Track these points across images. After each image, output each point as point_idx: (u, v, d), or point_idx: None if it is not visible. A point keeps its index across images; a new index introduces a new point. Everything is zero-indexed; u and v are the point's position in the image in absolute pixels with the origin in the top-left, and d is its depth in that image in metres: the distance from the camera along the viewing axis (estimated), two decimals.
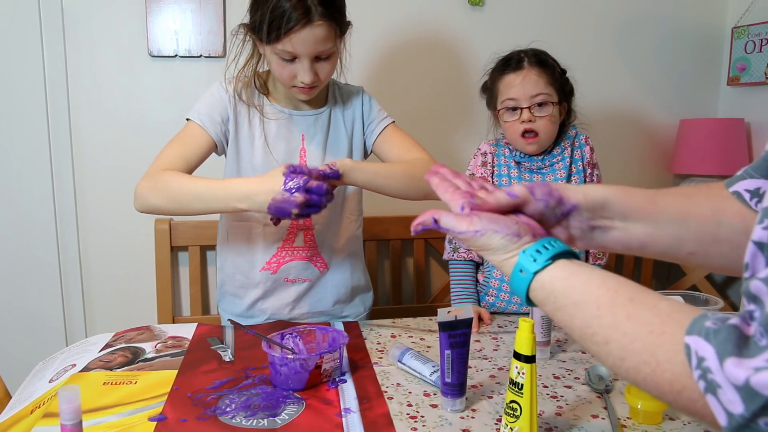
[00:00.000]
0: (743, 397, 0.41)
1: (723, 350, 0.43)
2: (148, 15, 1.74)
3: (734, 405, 0.41)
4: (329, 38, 1.08)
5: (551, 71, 1.33)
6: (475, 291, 1.36)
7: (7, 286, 1.79)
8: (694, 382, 0.45)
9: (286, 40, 1.06)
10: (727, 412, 0.42)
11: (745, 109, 2.06)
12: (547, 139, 1.33)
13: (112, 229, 1.82)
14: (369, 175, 1.10)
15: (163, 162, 1.13)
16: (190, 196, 1.07)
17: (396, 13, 1.89)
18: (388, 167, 1.16)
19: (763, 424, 0.41)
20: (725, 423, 0.43)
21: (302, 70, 1.11)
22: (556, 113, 1.33)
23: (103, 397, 0.90)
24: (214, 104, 1.20)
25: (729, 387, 0.42)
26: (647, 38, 2.07)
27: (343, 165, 1.06)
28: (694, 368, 0.45)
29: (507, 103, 1.33)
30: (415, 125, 1.52)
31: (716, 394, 0.43)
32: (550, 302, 0.58)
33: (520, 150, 1.36)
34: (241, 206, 1.03)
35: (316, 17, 1.05)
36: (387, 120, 1.28)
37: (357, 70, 1.86)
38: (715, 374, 0.43)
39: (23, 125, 1.74)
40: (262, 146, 1.21)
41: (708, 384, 0.43)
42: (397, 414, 0.86)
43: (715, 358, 0.43)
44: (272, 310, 1.27)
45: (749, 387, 0.40)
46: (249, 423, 0.82)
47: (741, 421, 0.41)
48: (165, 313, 1.78)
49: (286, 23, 1.04)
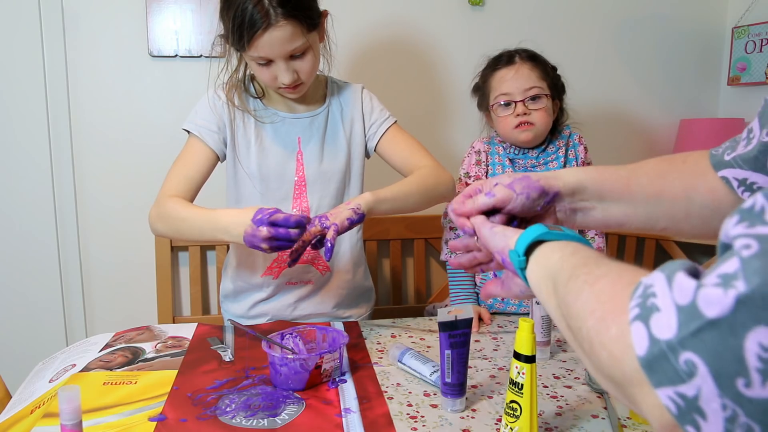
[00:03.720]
0: (680, 319, 0.35)
1: (673, 271, 0.38)
2: (148, 15, 1.74)
3: (665, 329, 0.35)
4: (296, 36, 1.07)
5: (543, 66, 1.34)
6: (474, 291, 1.36)
7: (7, 286, 1.79)
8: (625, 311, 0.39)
9: (253, 46, 1.06)
10: (652, 338, 0.36)
11: (746, 109, 2.06)
12: (542, 130, 1.33)
13: (113, 229, 1.82)
14: (389, 203, 1.10)
15: (169, 187, 1.15)
16: (185, 226, 1.09)
17: (396, 13, 1.89)
18: (403, 187, 1.15)
19: (683, 360, 0.34)
20: (643, 352, 0.36)
21: (280, 71, 1.10)
22: (550, 106, 1.33)
23: (103, 397, 0.90)
24: (208, 113, 1.20)
25: (671, 308, 0.36)
26: (647, 38, 2.07)
27: (366, 204, 1.05)
28: (635, 297, 0.39)
29: (500, 98, 1.33)
30: (415, 125, 1.53)
31: (648, 320, 0.37)
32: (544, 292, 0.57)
33: (514, 142, 1.35)
34: (223, 238, 1.03)
35: (276, 18, 1.03)
36: (389, 121, 1.27)
37: (356, 70, 1.86)
38: (659, 297, 0.37)
39: (23, 125, 1.74)
40: (258, 151, 1.21)
41: (643, 310, 0.37)
42: (397, 414, 0.86)
43: (664, 280, 0.37)
44: (274, 312, 1.27)
45: (693, 305, 0.34)
46: (249, 423, 0.82)
47: (663, 349, 0.35)
48: (165, 313, 1.78)
49: (248, 29, 1.04)
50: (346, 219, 1.02)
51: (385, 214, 1.12)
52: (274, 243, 0.96)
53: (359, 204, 1.04)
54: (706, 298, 0.34)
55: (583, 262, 0.50)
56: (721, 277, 0.34)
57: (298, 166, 1.22)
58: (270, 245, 0.96)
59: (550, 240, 0.59)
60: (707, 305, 0.33)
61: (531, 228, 0.61)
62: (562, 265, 0.53)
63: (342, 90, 1.28)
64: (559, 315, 0.51)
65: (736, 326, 0.32)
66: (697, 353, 0.33)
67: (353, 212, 1.03)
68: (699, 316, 0.34)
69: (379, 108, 1.28)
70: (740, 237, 0.35)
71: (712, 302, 0.33)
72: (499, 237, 0.65)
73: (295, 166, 1.22)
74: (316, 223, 1.01)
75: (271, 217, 0.95)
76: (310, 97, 1.25)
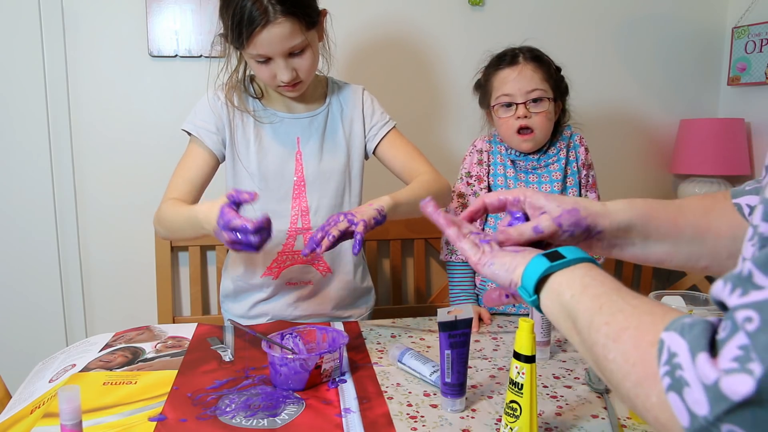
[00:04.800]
0: (710, 398, 0.38)
1: (696, 345, 0.41)
2: (148, 15, 1.74)
3: (699, 406, 0.39)
4: (295, 33, 1.07)
5: (547, 67, 1.32)
6: (473, 291, 1.36)
7: (7, 286, 1.79)
8: (658, 380, 0.43)
9: (252, 44, 1.06)
10: (691, 412, 0.40)
11: (746, 109, 2.06)
12: (542, 137, 1.32)
13: (113, 229, 1.82)
14: (405, 207, 1.11)
15: (171, 191, 1.17)
16: (176, 226, 1.11)
17: (396, 13, 1.89)
18: (414, 192, 1.15)
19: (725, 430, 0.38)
20: (687, 424, 0.40)
21: (279, 69, 1.10)
22: (552, 110, 1.32)
23: (103, 397, 0.90)
24: (207, 114, 1.20)
25: (698, 385, 0.39)
26: (647, 38, 2.07)
27: (387, 206, 1.05)
28: (662, 364, 0.43)
29: (502, 99, 1.32)
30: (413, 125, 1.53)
31: (681, 392, 0.40)
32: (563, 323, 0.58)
33: (515, 148, 1.35)
34: (204, 232, 1.02)
35: (275, 15, 1.04)
36: (389, 124, 1.27)
37: (356, 70, 1.86)
38: (685, 371, 0.41)
39: (23, 125, 1.74)
40: (257, 151, 1.21)
41: (674, 381, 0.41)
42: (397, 414, 0.86)
43: (688, 353, 0.41)
44: (274, 312, 1.27)
45: (717, 388, 0.38)
46: (249, 423, 0.82)
47: (704, 424, 0.39)
48: (165, 313, 1.78)
49: (247, 26, 1.04)
50: (372, 218, 1.02)
51: (400, 218, 1.13)
52: (236, 246, 0.94)
53: (382, 206, 1.05)
54: (730, 387, 0.37)
55: (597, 305, 0.53)
56: (738, 361, 0.37)
57: (297, 165, 1.22)
58: (233, 248, 0.94)
59: (556, 270, 0.58)
60: (732, 392, 0.37)
61: (532, 264, 0.60)
62: (577, 306, 0.54)
63: (342, 90, 1.28)
64: (587, 355, 0.53)
65: (763, 402, 0.36)
66: (736, 424, 0.37)
67: (378, 213, 1.03)
68: (726, 399, 0.37)
69: (380, 111, 1.28)
70: (740, 309, 0.38)
71: (735, 390, 0.37)
72: (502, 273, 0.63)
73: (295, 165, 1.22)
74: (341, 219, 1.00)
75: (230, 223, 0.92)
76: (310, 97, 1.25)
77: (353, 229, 0.99)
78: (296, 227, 1.23)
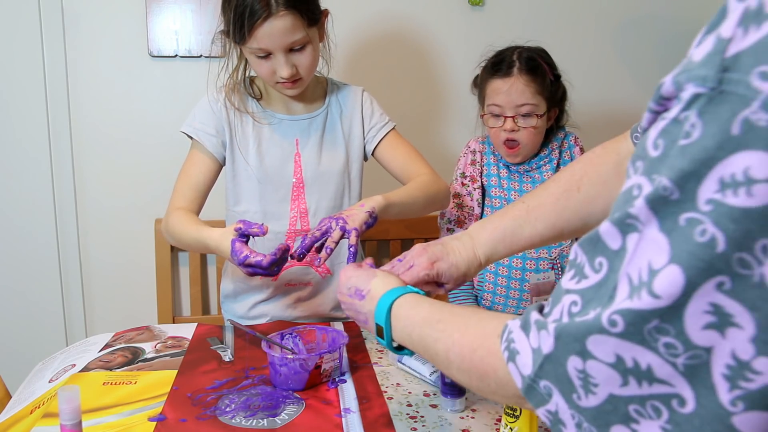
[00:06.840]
0: (534, 358, 0.44)
1: (525, 321, 0.47)
2: (148, 15, 1.74)
3: (526, 367, 0.45)
4: (296, 28, 1.07)
5: (541, 79, 1.28)
6: (472, 291, 1.36)
7: (7, 286, 1.79)
8: (502, 359, 0.48)
9: (253, 37, 1.07)
10: (521, 375, 0.45)
11: None
12: (529, 150, 1.32)
13: (112, 229, 1.82)
14: (398, 207, 1.10)
15: (176, 199, 1.17)
16: (185, 243, 1.14)
17: (395, 13, 1.89)
18: (409, 192, 1.15)
19: (542, 386, 0.43)
20: (520, 385, 0.45)
21: (278, 64, 1.10)
22: (542, 124, 1.30)
23: (102, 397, 0.90)
24: (206, 115, 1.20)
25: (526, 350, 0.45)
26: (647, 38, 2.07)
27: (379, 207, 1.05)
28: (502, 341, 0.49)
29: (492, 108, 1.31)
30: (412, 125, 1.53)
31: (515, 360, 0.46)
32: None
33: (503, 157, 1.36)
34: (217, 254, 1.07)
35: (277, 8, 1.04)
36: (389, 126, 1.27)
37: (355, 69, 1.86)
38: (516, 342, 0.46)
39: (23, 125, 1.74)
40: (256, 152, 1.21)
41: (510, 353, 0.47)
42: (396, 414, 0.86)
43: (518, 326, 0.47)
44: (274, 312, 1.27)
45: (539, 348, 0.43)
46: (249, 423, 0.82)
47: (529, 382, 0.44)
48: (165, 313, 1.78)
49: (249, 19, 1.04)
50: (363, 223, 1.01)
51: (393, 218, 1.13)
52: (253, 275, 1.00)
53: (373, 207, 1.04)
54: (542, 341, 0.43)
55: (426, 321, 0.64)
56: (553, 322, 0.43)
57: (296, 167, 1.22)
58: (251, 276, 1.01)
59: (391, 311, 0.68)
60: (544, 346, 0.43)
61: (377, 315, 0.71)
62: (411, 325, 0.65)
63: (342, 91, 1.28)
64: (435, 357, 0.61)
65: (560, 357, 0.42)
66: (548, 380, 0.43)
67: (369, 216, 1.03)
68: (539, 354, 0.43)
69: (379, 112, 1.28)
70: (570, 293, 0.43)
71: (546, 344, 0.43)
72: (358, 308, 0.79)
73: (293, 167, 1.22)
74: (334, 226, 1.00)
75: (245, 261, 0.95)
76: (309, 98, 1.25)
77: (346, 237, 1.00)
78: (295, 229, 1.23)
